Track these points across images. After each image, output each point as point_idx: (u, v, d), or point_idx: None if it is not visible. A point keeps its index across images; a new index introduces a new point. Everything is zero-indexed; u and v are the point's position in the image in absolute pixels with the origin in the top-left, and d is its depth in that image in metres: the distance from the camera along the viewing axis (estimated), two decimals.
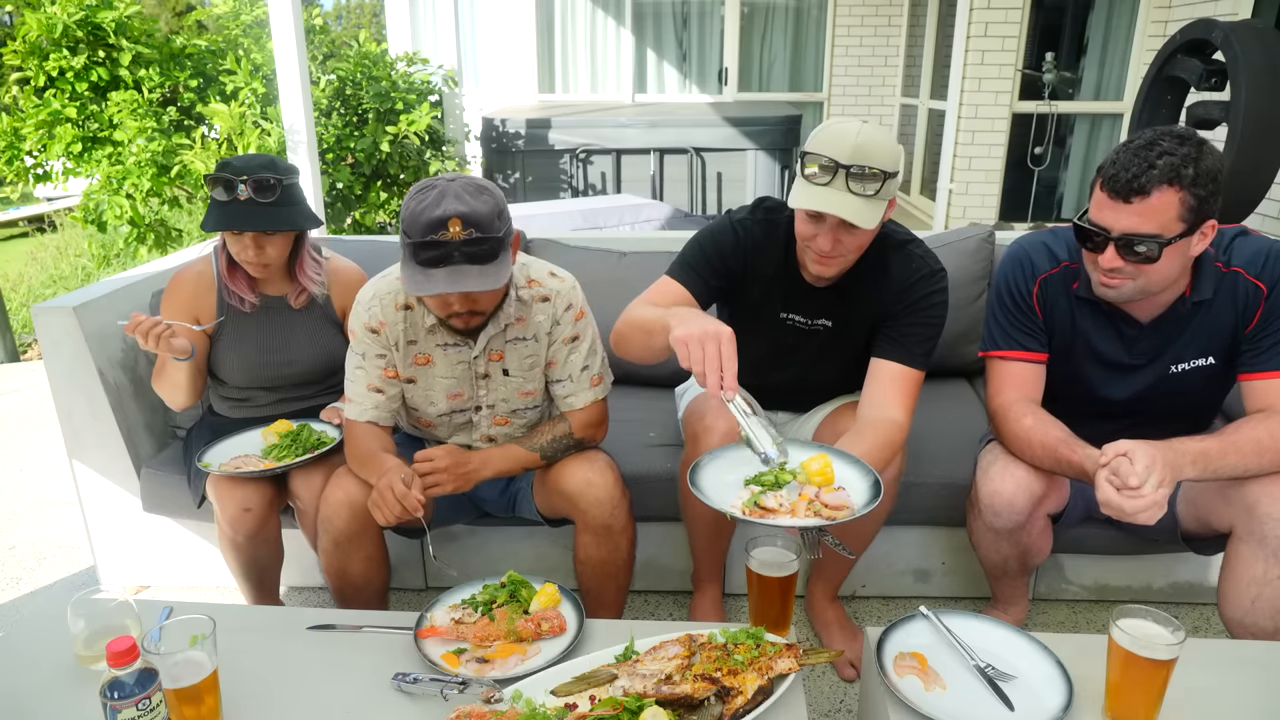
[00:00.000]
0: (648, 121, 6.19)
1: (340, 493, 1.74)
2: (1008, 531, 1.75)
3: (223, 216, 1.84)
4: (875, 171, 1.54)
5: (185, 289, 1.99)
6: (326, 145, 5.03)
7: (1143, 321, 1.67)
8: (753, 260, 1.79)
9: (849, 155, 1.54)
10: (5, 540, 2.68)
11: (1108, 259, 1.52)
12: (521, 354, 1.78)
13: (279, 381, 2.05)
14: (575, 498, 1.75)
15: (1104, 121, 6.09)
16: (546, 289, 1.76)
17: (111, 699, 1.08)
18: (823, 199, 1.56)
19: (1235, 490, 1.57)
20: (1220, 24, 3.24)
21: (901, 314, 1.74)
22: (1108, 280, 1.56)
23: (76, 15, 4.32)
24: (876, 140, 1.56)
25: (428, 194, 1.50)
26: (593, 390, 1.82)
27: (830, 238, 1.61)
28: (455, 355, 1.75)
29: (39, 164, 4.66)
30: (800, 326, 1.85)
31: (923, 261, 1.75)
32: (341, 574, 1.80)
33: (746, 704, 1.20)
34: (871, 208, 1.56)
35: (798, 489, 1.44)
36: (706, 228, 1.83)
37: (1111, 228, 1.49)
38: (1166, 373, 1.70)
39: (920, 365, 1.75)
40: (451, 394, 1.79)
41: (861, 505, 1.41)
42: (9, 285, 6.69)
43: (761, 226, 1.79)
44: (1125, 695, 1.20)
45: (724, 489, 1.47)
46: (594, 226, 4.37)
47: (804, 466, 1.47)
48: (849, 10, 7.65)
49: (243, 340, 2.01)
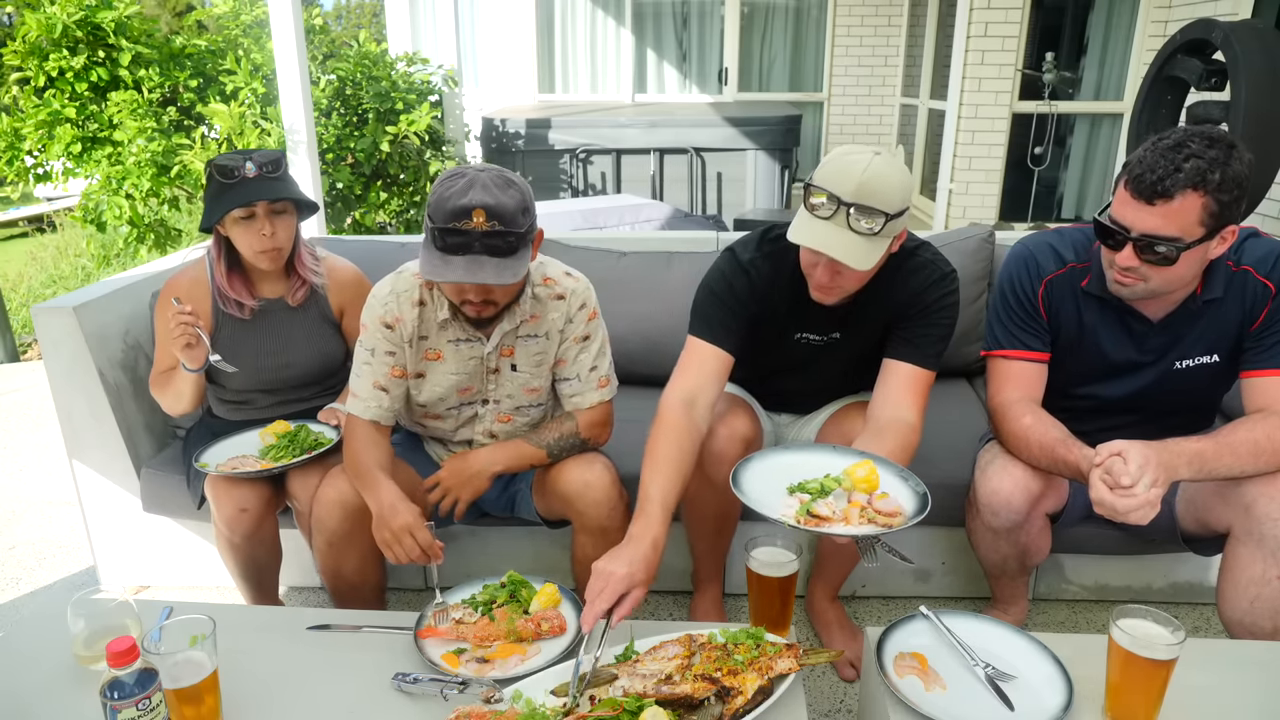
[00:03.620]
0: (648, 121, 6.19)
1: (333, 492, 1.74)
2: (1006, 531, 1.75)
3: (235, 195, 1.83)
4: (879, 213, 1.51)
5: (180, 295, 1.96)
6: (326, 145, 5.03)
7: (1153, 319, 1.66)
8: (768, 295, 1.76)
9: (853, 193, 1.50)
10: (5, 540, 2.68)
11: (1125, 257, 1.51)
12: (531, 351, 1.78)
13: (277, 384, 2.05)
14: (573, 499, 1.75)
15: (1104, 121, 6.09)
16: (562, 288, 1.76)
17: (111, 699, 1.08)
18: (821, 238, 1.53)
19: (1233, 491, 1.57)
20: (1220, 24, 3.24)
21: (915, 317, 1.73)
22: (1122, 278, 1.56)
23: (76, 15, 4.32)
24: (883, 176, 1.51)
25: (456, 181, 1.52)
26: (599, 391, 1.82)
27: (828, 271, 1.59)
28: (467, 351, 1.76)
29: (39, 164, 4.66)
30: (814, 343, 1.84)
31: (934, 266, 1.73)
32: (336, 574, 1.80)
33: (746, 704, 1.20)
34: (870, 246, 1.53)
35: (844, 496, 1.41)
36: (716, 271, 1.78)
37: (1132, 227, 1.48)
38: (1171, 369, 1.69)
39: (932, 366, 1.74)
40: (461, 389, 1.80)
41: (912, 512, 1.39)
42: (9, 285, 6.69)
43: (769, 260, 1.75)
44: (1125, 695, 1.20)
45: (768, 496, 1.43)
46: (594, 226, 4.37)
47: (849, 473, 1.43)
48: (849, 10, 7.65)
49: (240, 346, 1.99)
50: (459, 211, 1.48)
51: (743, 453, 1.78)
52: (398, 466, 1.81)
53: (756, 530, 1.55)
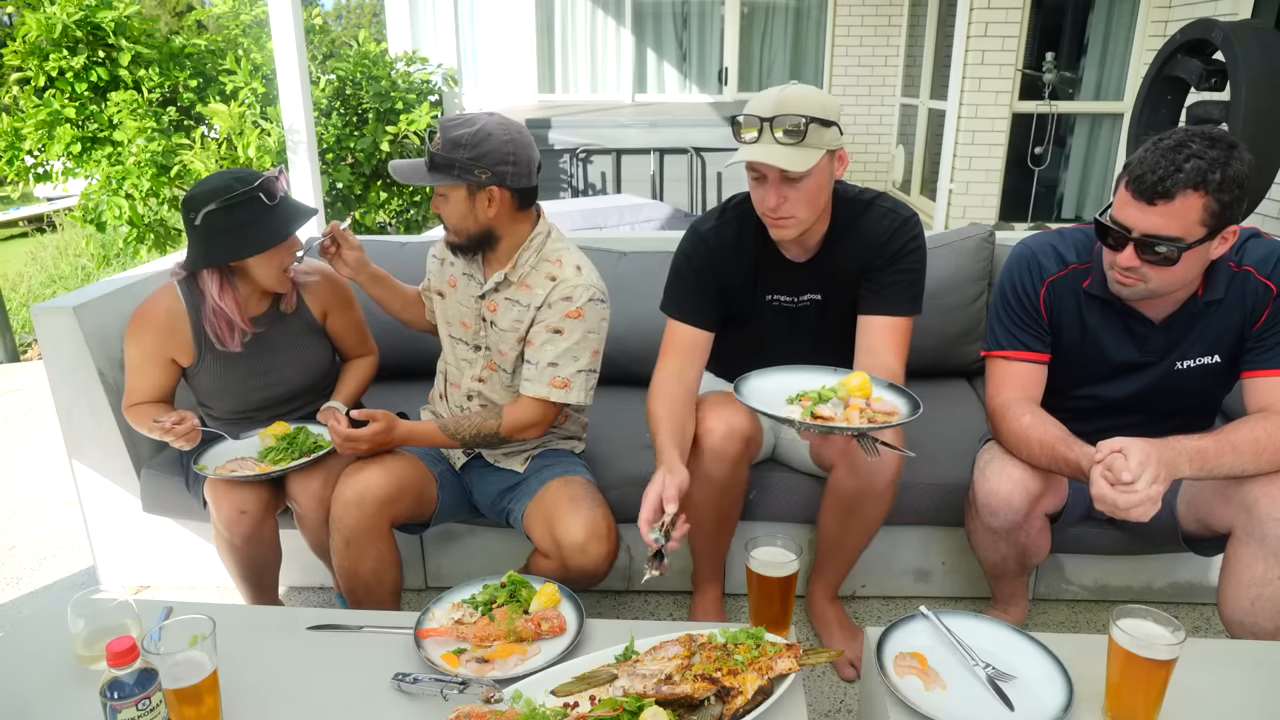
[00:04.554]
0: (648, 121, 6.19)
1: (350, 491, 1.75)
2: (1005, 531, 1.75)
3: (281, 220, 1.80)
4: (798, 119, 1.57)
5: (156, 326, 1.89)
6: (326, 145, 5.04)
7: (1154, 320, 1.66)
8: (731, 261, 1.82)
9: (771, 108, 1.60)
10: (5, 540, 2.68)
11: (1126, 258, 1.51)
12: (511, 315, 1.83)
13: (270, 402, 2.02)
14: (566, 552, 1.75)
15: (1104, 121, 6.09)
16: (559, 272, 1.79)
17: (111, 699, 1.08)
18: (752, 152, 1.61)
19: (1235, 490, 1.57)
20: (1220, 24, 3.24)
21: (882, 267, 1.76)
22: (1123, 278, 1.56)
23: (76, 15, 4.32)
24: (800, 93, 1.61)
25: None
26: (549, 388, 1.78)
27: (775, 193, 1.65)
28: (469, 288, 1.88)
29: (39, 164, 4.66)
30: (788, 306, 1.86)
31: (893, 214, 1.78)
32: (353, 574, 1.80)
33: (746, 704, 1.20)
34: (800, 154, 1.59)
35: (841, 405, 1.50)
36: (679, 249, 1.87)
37: (1133, 227, 1.48)
38: (1172, 369, 1.69)
39: (908, 311, 1.78)
40: (463, 321, 1.91)
41: (907, 413, 1.48)
42: (9, 285, 6.69)
43: (730, 226, 1.83)
44: (1125, 695, 1.20)
45: (770, 406, 1.53)
46: (594, 226, 4.37)
47: (844, 384, 1.53)
48: (849, 10, 7.65)
49: (228, 373, 1.94)
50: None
51: (742, 450, 1.79)
52: (405, 457, 1.86)
53: (757, 530, 1.55)
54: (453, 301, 1.92)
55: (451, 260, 1.91)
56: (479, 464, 1.99)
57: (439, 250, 1.96)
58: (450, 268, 1.92)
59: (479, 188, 1.71)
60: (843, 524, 1.88)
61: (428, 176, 1.72)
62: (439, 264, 1.97)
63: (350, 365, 2.15)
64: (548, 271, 1.80)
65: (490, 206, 1.72)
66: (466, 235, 1.78)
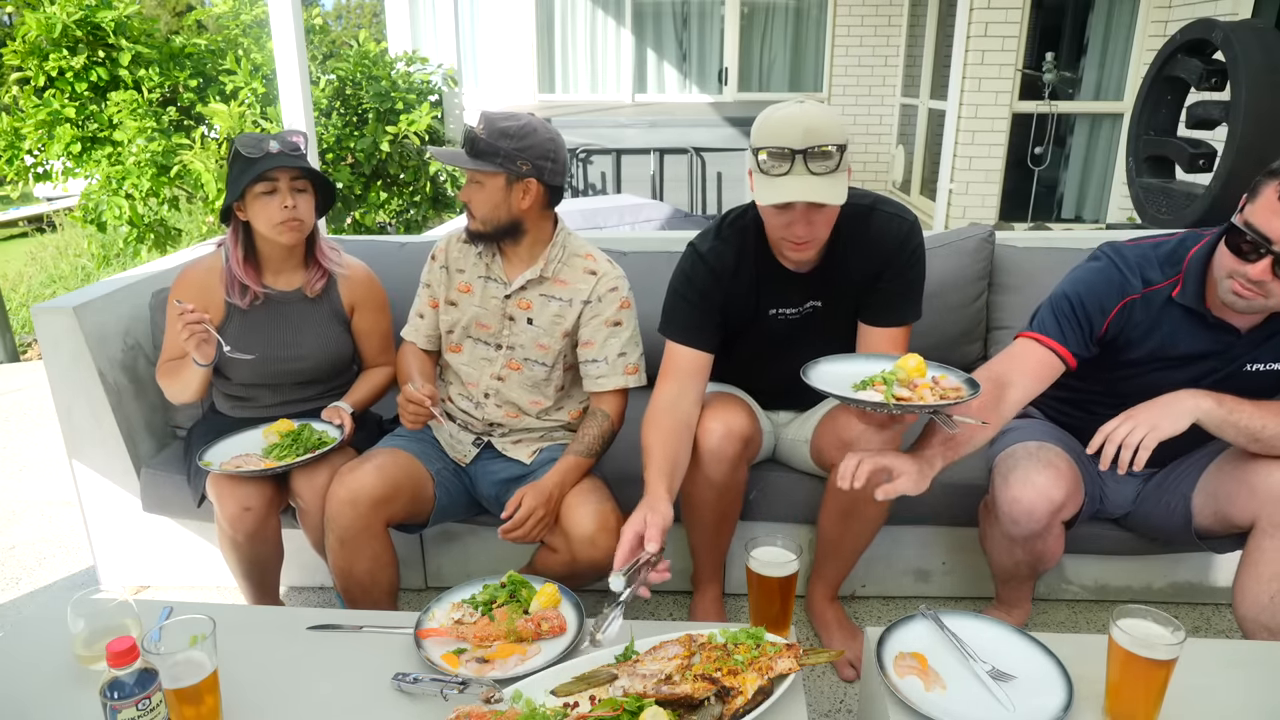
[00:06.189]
0: (648, 121, 6.19)
1: (344, 490, 1.75)
2: (1024, 539, 1.73)
3: (259, 167, 1.85)
4: (830, 149, 1.54)
5: (194, 284, 1.98)
6: (326, 145, 5.04)
7: (1240, 330, 1.58)
8: (731, 280, 1.79)
9: (801, 139, 1.53)
10: (5, 540, 2.68)
11: (1259, 270, 1.37)
12: (551, 311, 1.87)
13: (284, 379, 2.04)
14: (575, 544, 1.76)
15: (1104, 121, 6.10)
16: (596, 266, 1.87)
17: (111, 699, 1.08)
18: (790, 189, 1.56)
19: (1262, 480, 1.53)
20: (1220, 24, 3.24)
21: (890, 277, 1.75)
22: (1244, 290, 1.42)
23: (76, 15, 4.33)
24: (822, 117, 1.56)
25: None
26: (626, 376, 1.89)
27: (803, 222, 1.61)
28: (491, 290, 1.89)
29: (39, 164, 4.66)
30: (791, 317, 1.85)
31: (899, 219, 1.75)
32: (349, 574, 1.81)
33: (746, 704, 1.20)
34: (834, 183, 1.56)
35: (902, 386, 1.50)
36: (678, 269, 1.83)
37: (1278, 239, 1.35)
38: (1241, 370, 1.61)
39: (913, 318, 1.79)
40: (480, 323, 1.92)
41: (967, 386, 1.51)
42: (9, 285, 6.69)
43: (729, 245, 1.78)
44: (1125, 695, 1.20)
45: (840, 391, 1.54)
46: (594, 226, 4.36)
47: (900, 365, 1.53)
48: (849, 10, 7.65)
49: (252, 335, 1.99)
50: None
51: (741, 450, 1.78)
52: (400, 457, 1.86)
53: (757, 530, 1.55)
54: (469, 305, 1.92)
55: (460, 268, 1.92)
56: (487, 454, 1.99)
57: (446, 260, 1.95)
58: (460, 275, 1.93)
59: (518, 178, 1.75)
60: (843, 524, 1.88)
61: (470, 162, 1.75)
62: (446, 274, 1.96)
63: (367, 373, 2.16)
64: (583, 266, 1.87)
65: (525, 198, 1.77)
66: (495, 225, 1.80)
